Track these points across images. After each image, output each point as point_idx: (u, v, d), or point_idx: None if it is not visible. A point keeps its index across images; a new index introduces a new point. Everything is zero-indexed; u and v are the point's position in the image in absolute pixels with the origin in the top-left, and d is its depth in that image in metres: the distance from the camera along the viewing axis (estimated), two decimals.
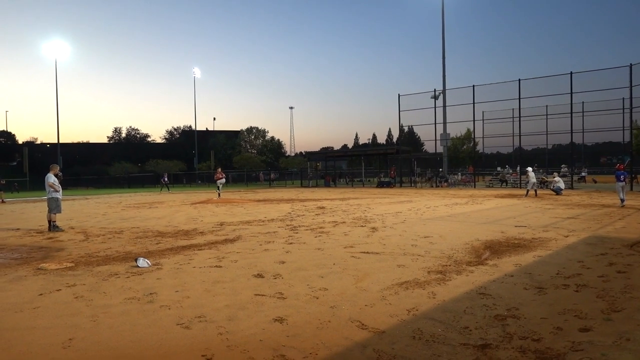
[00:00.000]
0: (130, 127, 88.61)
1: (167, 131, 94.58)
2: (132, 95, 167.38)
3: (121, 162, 69.59)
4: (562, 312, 4.57)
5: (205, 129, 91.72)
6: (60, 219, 12.84)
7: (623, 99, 31.99)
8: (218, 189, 26.00)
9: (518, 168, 25.11)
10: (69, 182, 52.82)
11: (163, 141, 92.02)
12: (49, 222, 12.13)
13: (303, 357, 3.60)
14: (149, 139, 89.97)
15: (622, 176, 16.92)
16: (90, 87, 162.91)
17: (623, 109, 33.67)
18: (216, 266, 7.08)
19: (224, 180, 26.10)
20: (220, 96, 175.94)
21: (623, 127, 35.82)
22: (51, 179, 12.32)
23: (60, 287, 5.93)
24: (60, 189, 12.59)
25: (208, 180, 60.28)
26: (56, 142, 56.82)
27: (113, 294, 5.53)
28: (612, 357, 3.47)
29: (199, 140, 75.93)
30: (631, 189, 25.68)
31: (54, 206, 12.15)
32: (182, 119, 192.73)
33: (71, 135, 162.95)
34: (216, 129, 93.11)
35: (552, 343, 3.78)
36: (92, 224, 13.78)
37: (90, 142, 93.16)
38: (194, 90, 79.04)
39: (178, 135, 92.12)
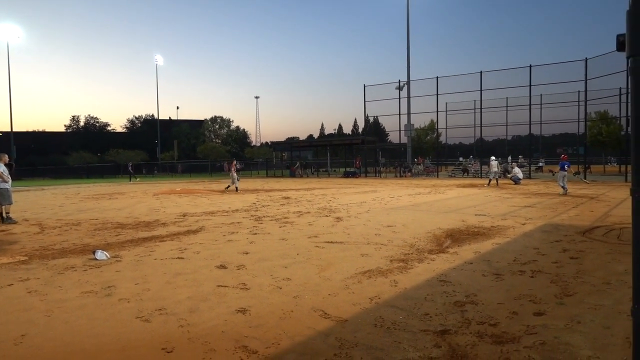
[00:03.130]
0: (89, 115, 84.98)
1: (128, 120, 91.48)
2: (90, 83, 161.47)
3: (79, 152, 67.08)
4: (518, 297, 4.73)
5: (168, 118, 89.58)
6: (13, 211, 12.28)
7: (579, 92, 33.20)
8: (233, 183, 22.92)
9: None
10: (24, 173, 50.67)
11: (124, 130, 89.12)
12: (0, 214, 11.59)
13: (265, 347, 3.58)
14: (108, 128, 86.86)
15: (566, 166, 17.89)
16: (46, 73, 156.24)
17: (578, 101, 34.97)
18: (178, 258, 6.95)
19: (234, 174, 23.19)
20: (183, 85, 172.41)
21: (578, 119, 37.25)
22: (1, 168, 11.75)
23: (12, 281, 5.68)
24: (10, 179, 11.99)
25: (169, 170, 59.18)
26: (9, 130, 54.30)
27: (69, 288, 5.34)
28: (564, 340, 3.62)
29: (162, 129, 74.13)
30: (585, 178, 26.80)
31: (5, 197, 11.60)
32: (144, 108, 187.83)
33: (25, 123, 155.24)
34: (180, 118, 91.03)
35: (508, 327, 3.91)
36: (48, 215, 13.26)
37: (46, 130, 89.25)
38: (157, 78, 76.73)
39: (140, 124, 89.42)
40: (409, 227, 9.59)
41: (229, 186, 23.83)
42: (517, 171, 25.21)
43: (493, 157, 24.91)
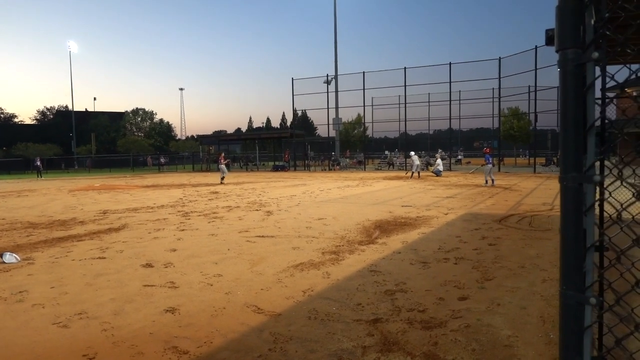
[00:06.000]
0: None
1: (38, 111, 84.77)
2: None
3: None
4: (444, 284, 4.95)
5: (84, 110, 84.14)
6: None
7: (493, 89, 35.41)
8: (224, 174, 24.35)
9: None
10: None
11: (34, 122, 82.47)
12: None
13: (197, 346, 3.46)
14: (16, 120, 80.00)
15: (490, 158, 19.13)
16: None
17: (493, 98, 37.26)
18: (99, 257, 6.54)
19: (223, 166, 24.48)
20: (101, 74, 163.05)
21: (493, 114, 39.71)
22: None
23: None
24: None
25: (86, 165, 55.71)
26: None
27: None
28: (486, 322, 3.84)
29: (78, 122, 69.46)
30: (499, 170, 28.69)
31: None
32: (57, 98, 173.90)
33: None
34: (97, 109, 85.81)
35: (436, 312, 4.08)
36: None
37: None
38: (70, 66, 71.73)
39: (52, 116, 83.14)
40: (339, 220, 9.73)
41: (222, 178, 24.33)
42: (439, 164, 26.47)
43: (412, 152, 26.20)
